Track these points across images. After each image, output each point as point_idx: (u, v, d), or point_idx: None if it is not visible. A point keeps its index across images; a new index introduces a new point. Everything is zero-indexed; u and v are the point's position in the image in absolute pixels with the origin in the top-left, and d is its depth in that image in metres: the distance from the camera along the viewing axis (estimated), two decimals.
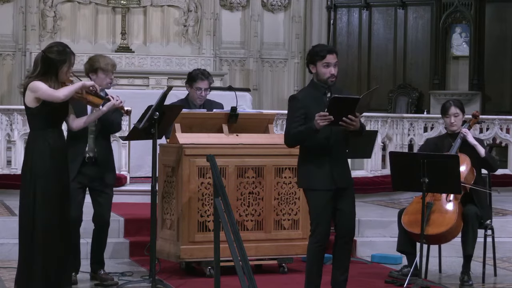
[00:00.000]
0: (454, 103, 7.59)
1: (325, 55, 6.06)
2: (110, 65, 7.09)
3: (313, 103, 6.01)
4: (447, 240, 7.30)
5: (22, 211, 6.02)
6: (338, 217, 6.14)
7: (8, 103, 14.54)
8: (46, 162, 5.93)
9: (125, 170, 10.26)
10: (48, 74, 5.94)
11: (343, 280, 6.21)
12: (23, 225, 6.01)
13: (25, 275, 5.99)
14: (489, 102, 15.27)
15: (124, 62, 15.42)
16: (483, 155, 7.42)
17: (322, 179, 6.03)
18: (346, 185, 6.11)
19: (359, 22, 16.53)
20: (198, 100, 8.15)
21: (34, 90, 5.89)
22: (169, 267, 7.57)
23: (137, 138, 7.37)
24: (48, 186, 5.93)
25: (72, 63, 6.04)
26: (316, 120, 5.85)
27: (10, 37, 15.43)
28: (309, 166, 6.08)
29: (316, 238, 6.07)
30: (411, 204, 7.34)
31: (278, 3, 16.55)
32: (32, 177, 5.94)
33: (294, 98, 6.16)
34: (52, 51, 6.00)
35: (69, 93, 5.92)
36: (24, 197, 6.01)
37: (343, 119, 5.86)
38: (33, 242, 5.94)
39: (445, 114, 7.57)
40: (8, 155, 10.27)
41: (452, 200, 7.23)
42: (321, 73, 6.08)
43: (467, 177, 7.27)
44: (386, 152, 10.68)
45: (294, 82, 16.54)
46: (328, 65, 6.05)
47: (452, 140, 7.51)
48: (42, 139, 5.95)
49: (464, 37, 15.59)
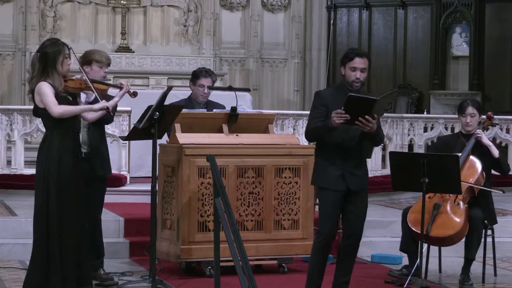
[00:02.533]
0: (471, 103, 7.53)
1: (353, 57, 6.06)
2: (104, 58, 7.14)
3: (334, 102, 5.98)
4: (452, 243, 7.28)
5: (37, 210, 6.08)
6: (348, 218, 6.13)
7: (8, 103, 14.53)
8: (60, 161, 6.01)
9: (125, 170, 10.26)
10: (48, 69, 6.01)
11: (345, 282, 6.21)
12: (38, 225, 6.06)
13: (41, 276, 6.02)
14: (489, 102, 15.25)
15: (124, 62, 15.41)
16: (496, 156, 7.40)
17: (332, 179, 6.03)
18: (359, 188, 6.09)
19: (359, 22, 16.52)
20: (201, 98, 8.14)
21: (39, 94, 6.01)
22: (169, 267, 7.57)
23: (137, 138, 7.37)
24: (62, 184, 5.99)
25: (66, 53, 6.10)
26: (332, 117, 5.85)
27: (10, 37, 15.42)
28: (322, 165, 6.09)
29: (321, 236, 6.07)
30: (417, 203, 7.27)
31: (278, 3, 16.54)
32: (47, 178, 6.01)
33: (317, 94, 6.19)
34: (44, 46, 6.13)
35: (67, 113, 6.03)
36: (38, 198, 6.08)
37: (359, 119, 5.85)
38: (49, 242, 5.99)
39: (461, 113, 7.52)
40: (8, 155, 10.27)
41: (460, 203, 7.20)
42: (347, 76, 6.08)
43: (477, 181, 7.24)
44: (386, 152, 10.68)
45: (294, 82, 16.52)
46: (355, 69, 6.05)
47: (466, 140, 7.46)
48: (55, 138, 6.05)
49: (464, 37, 15.58)
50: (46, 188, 6.03)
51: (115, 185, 9.72)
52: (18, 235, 8.07)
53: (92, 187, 7.05)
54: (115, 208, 8.92)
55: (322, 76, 16.34)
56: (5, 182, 9.94)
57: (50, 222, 6.02)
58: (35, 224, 6.12)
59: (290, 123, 10.84)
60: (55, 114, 5.97)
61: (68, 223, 6.04)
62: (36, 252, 6.09)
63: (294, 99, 16.40)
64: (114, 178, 9.74)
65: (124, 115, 10.07)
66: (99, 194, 7.12)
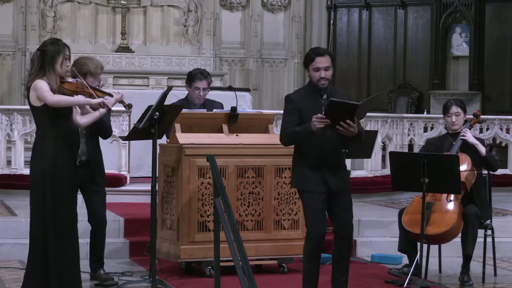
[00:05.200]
0: (455, 102, 7.59)
1: (314, 58, 6.04)
2: (99, 68, 7.04)
3: (307, 104, 6.01)
4: (447, 240, 7.30)
5: (33, 210, 6.04)
6: (336, 220, 6.13)
7: (8, 103, 14.54)
8: (55, 161, 5.96)
9: (125, 170, 10.25)
10: (45, 68, 5.97)
11: (343, 281, 6.21)
12: (35, 226, 6.02)
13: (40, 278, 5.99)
14: (489, 102, 15.27)
15: (124, 62, 15.42)
16: (483, 154, 7.42)
17: (314, 182, 6.02)
18: (341, 189, 6.09)
19: (359, 22, 16.53)
20: (196, 100, 8.14)
21: (35, 89, 5.94)
22: (169, 267, 7.57)
23: (137, 138, 7.37)
24: (57, 184, 5.96)
25: (67, 54, 6.05)
26: (312, 122, 5.85)
27: (10, 37, 15.43)
28: (303, 168, 6.08)
29: (311, 239, 6.07)
30: (412, 204, 7.34)
31: (278, 3, 16.55)
32: (43, 178, 5.96)
33: (288, 98, 6.17)
34: (45, 45, 6.08)
35: (63, 103, 5.96)
36: (35, 198, 6.03)
37: (340, 124, 5.85)
38: (46, 243, 5.95)
39: (446, 113, 7.56)
40: (8, 155, 10.27)
41: (452, 200, 7.23)
42: (312, 77, 6.08)
43: (467, 177, 7.26)
44: (386, 152, 10.67)
45: (294, 82, 16.53)
46: (318, 69, 6.04)
47: (453, 140, 7.50)
48: (49, 137, 5.98)
49: (464, 37, 15.59)
50: (43, 189, 5.97)
51: (115, 185, 9.72)
52: (18, 235, 8.06)
53: (94, 190, 7.06)
54: (115, 208, 8.92)
55: None
56: (5, 182, 9.93)
57: (47, 223, 5.96)
58: (32, 226, 6.07)
59: None
60: (50, 101, 5.87)
61: (63, 223, 5.99)
62: (33, 253, 6.04)
63: None
64: (114, 178, 9.75)
65: (124, 115, 10.06)
66: (102, 196, 7.13)
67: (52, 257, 5.94)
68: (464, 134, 7.43)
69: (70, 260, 6.01)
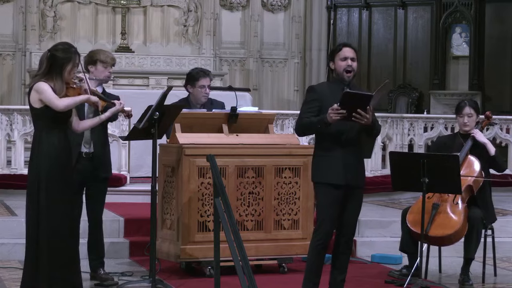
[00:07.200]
0: (469, 103, 7.54)
1: (342, 48, 6.10)
2: (109, 58, 7.13)
3: (329, 96, 5.99)
4: (451, 243, 7.28)
5: (29, 212, 6.02)
6: (344, 217, 6.12)
7: (8, 103, 14.54)
8: (51, 162, 5.94)
9: (125, 170, 10.26)
10: (53, 72, 5.94)
11: (341, 280, 6.20)
12: (29, 226, 6.01)
13: (32, 278, 5.98)
14: (489, 102, 15.26)
15: (124, 62, 15.41)
16: (492, 153, 7.40)
17: (333, 174, 6.00)
18: (357, 184, 6.09)
19: (359, 22, 16.53)
20: (203, 98, 8.07)
21: (38, 91, 5.90)
22: (169, 267, 7.57)
23: (137, 138, 7.36)
24: (54, 187, 5.93)
25: (76, 63, 6.02)
26: (328, 114, 5.85)
27: (10, 37, 15.42)
28: (322, 160, 6.06)
29: (319, 235, 6.05)
30: (416, 203, 7.27)
31: (278, 3, 16.55)
32: (38, 178, 5.93)
33: (311, 88, 6.18)
34: (57, 49, 6.01)
35: (70, 104, 5.94)
36: (30, 198, 6.01)
37: (354, 114, 5.86)
38: (38, 244, 5.93)
39: (458, 114, 7.52)
40: (8, 155, 10.27)
41: (459, 202, 7.20)
42: (338, 67, 6.08)
43: (475, 180, 7.24)
44: (386, 152, 10.68)
45: (294, 82, 16.54)
46: (345, 58, 6.05)
47: (464, 140, 7.46)
48: (47, 140, 5.95)
49: (464, 37, 15.59)
50: (37, 189, 5.94)
51: (115, 185, 9.72)
52: (18, 235, 8.05)
53: (93, 187, 7.07)
54: (115, 208, 8.92)
55: (322, 76, 16.34)
56: (5, 182, 9.94)
57: (39, 224, 5.94)
58: (27, 226, 6.04)
59: (290, 123, 10.83)
60: (60, 107, 5.85)
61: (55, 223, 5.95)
62: (28, 254, 6.02)
63: (294, 99, 16.41)
64: (114, 178, 9.72)
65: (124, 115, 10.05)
66: (101, 194, 7.13)
67: (41, 257, 5.91)
68: (474, 132, 7.39)
69: (61, 262, 5.95)
